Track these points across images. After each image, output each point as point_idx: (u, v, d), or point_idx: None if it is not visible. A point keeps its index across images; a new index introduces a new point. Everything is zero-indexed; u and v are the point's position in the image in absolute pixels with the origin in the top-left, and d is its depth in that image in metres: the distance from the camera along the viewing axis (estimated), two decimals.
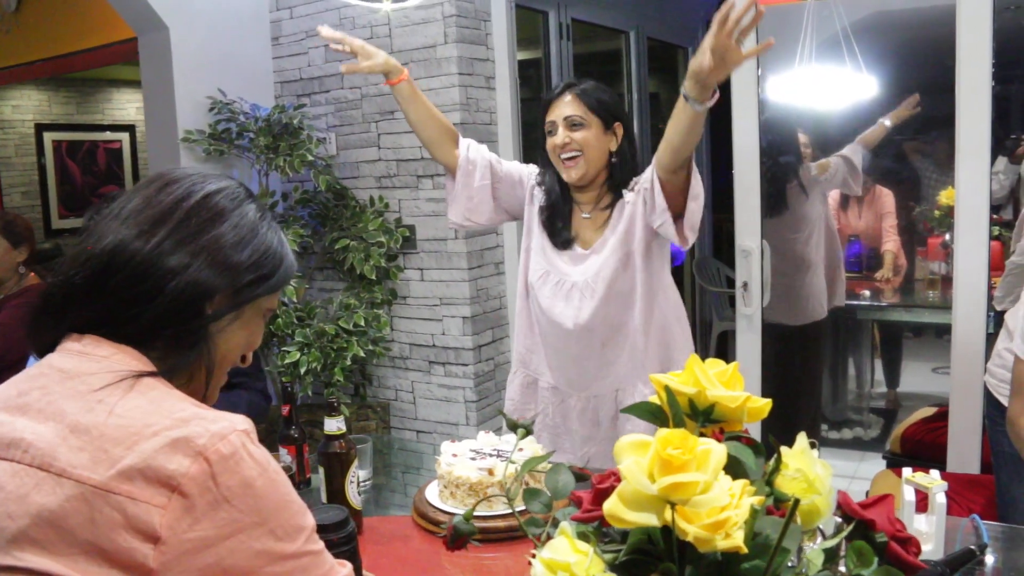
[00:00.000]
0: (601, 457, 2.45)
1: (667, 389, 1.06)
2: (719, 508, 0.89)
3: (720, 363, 1.10)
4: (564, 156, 2.35)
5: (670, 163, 2.20)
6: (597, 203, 2.43)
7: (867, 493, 3.02)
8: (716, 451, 0.90)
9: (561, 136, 2.35)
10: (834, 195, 4.84)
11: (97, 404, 0.99)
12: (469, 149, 2.49)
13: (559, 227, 2.43)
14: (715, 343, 5.62)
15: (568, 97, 2.37)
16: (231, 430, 0.99)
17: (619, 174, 2.40)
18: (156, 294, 1.06)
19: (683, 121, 2.10)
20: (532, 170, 2.54)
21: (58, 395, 1.01)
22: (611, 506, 0.90)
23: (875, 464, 3.83)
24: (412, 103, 2.45)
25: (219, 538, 0.95)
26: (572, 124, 2.34)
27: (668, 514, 0.89)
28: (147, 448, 0.95)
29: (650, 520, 0.88)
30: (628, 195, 2.38)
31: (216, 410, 1.04)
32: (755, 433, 3.16)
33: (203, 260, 1.08)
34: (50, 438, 0.98)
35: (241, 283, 1.12)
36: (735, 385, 1.08)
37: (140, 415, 0.99)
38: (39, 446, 0.98)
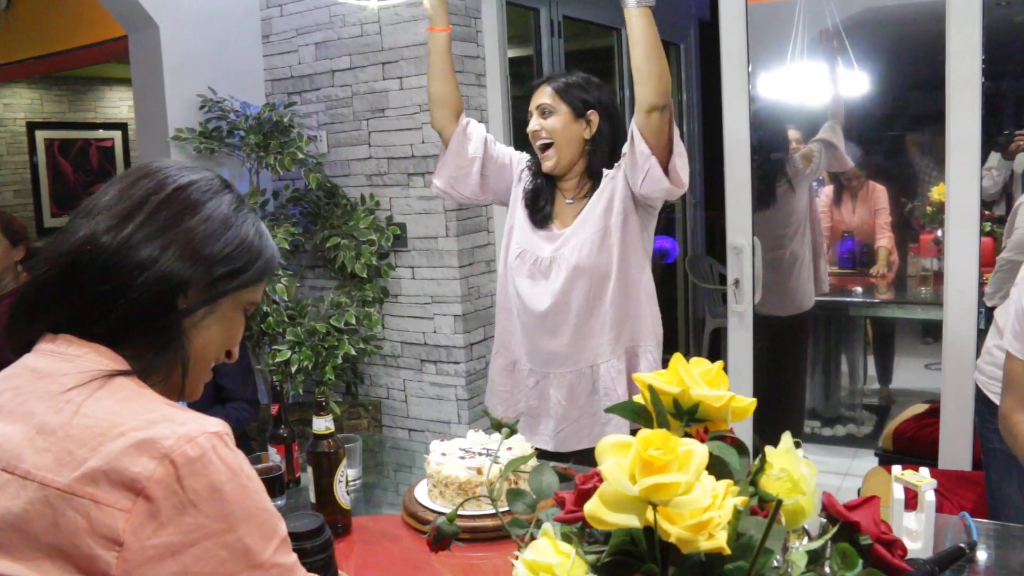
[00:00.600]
0: (577, 435, 2.49)
1: (651, 388, 1.05)
2: (701, 509, 0.89)
3: (705, 362, 1.09)
4: (537, 144, 2.44)
5: (645, 94, 2.25)
6: (578, 190, 2.48)
7: (859, 490, 3.02)
8: (698, 451, 0.89)
9: (533, 123, 2.45)
10: (827, 191, 4.84)
11: (65, 404, 0.97)
12: (469, 124, 2.59)
13: (540, 204, 2.49)
14: (708, 340, 5.62)
15: (541, 88, 2.46)
16: (200, 432, 0.95)
17: (596, 161, 2.44)
18: (125, 289, 1.03)
19: (634, 34, 2.21)
20: (523, 156, 2.61)
21: (29, 395, 1.00)
22: (592, 507, 0.89)
23: (868, 461, 3.83)
24: (444, 56, 2.57)
25: (185, 544, 0.91)
26: (543, 112, 2.44)
27: (650, 515, 0.89)
28: (112, 450, 0.92)
29: (631, 521, 0.88)
30: (608, 172, 2.42)
31: (189, 411, 1.01)
32: (747, 425, 3.18)
33: (173, 253, 1.06)
34: (17, 439, 0.96)
35: (214, 276, 1.10)
36: (719, 384, 1.07)
37: (107, 416, 0.96)
38: (6, 447, 0.96)
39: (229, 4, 4.19)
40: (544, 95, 2.44)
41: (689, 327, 6.30)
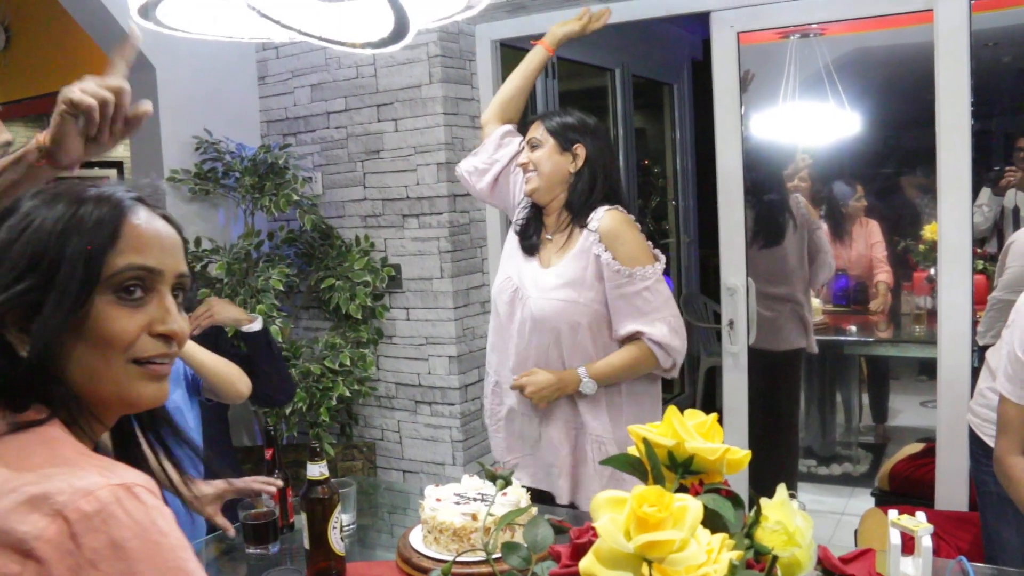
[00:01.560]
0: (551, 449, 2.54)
1: (645, 441, 1.05)
2: (696, 565, 0.88)
3: (699, 414, 1.09)
4: (525, 175, 2.57)
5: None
6: (558, 224, 2.55)
7: (855, 532, 3.01)
8: (692, 508, 0.89)
9: (523, 156, 2.57)
10: (825, 228, 4.86)
11: None
12: (511, 133, 2.78)
13: (529, 232, 2.60)
14: (703, 379, 5.61)
15: (536, 123, 2.59)
16: (101, 485, 0.85)
17: (576, 197, 2.50)
18: None
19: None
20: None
21: None
22: (587, 564, 0.89)
23: (864, 500, 3.82)
24: (535, 73, 2.85)
25: None
26: (532, 145, 2.55)
27: (645, 571, 0.89)
28: (0, 508, 0.84)
29: None
30: (588, 235, 2.46)
31: (104, 461, 0.91)
32: (743, 471, 3.15)
33: None
34: None
35: (15, 296, 0.94)
36: (714, 437, 1.07)
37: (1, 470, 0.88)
38: None
39: (225, 46, 4.21)
40: (535, 130, 2.56)
41: (684, 365, 6.29)
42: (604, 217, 2.43)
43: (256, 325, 2.92)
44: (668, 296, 2.45)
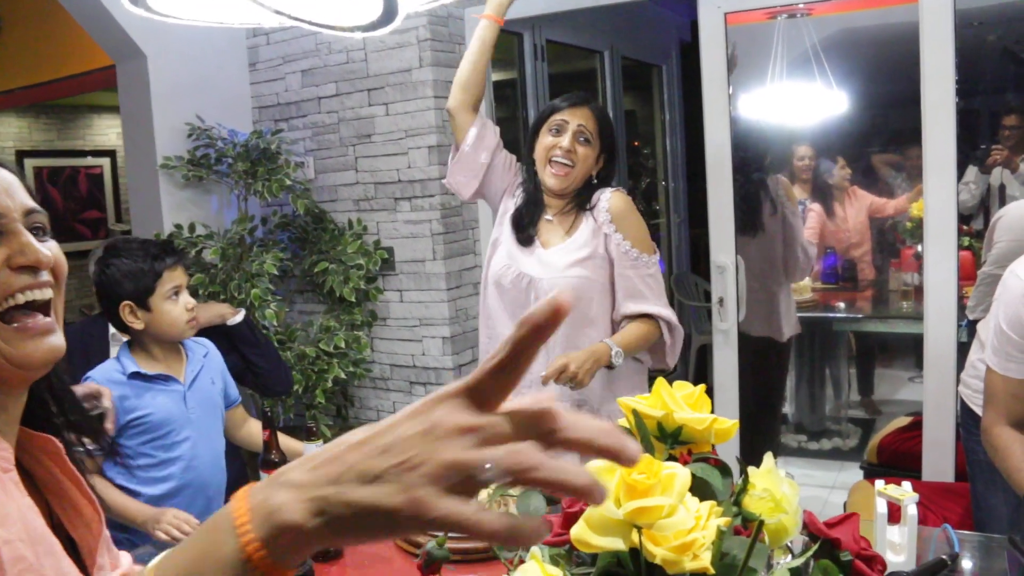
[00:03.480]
0: None
1: (635, 412, 1.08)
2: (685, 531, 0.92)
3: (687, 385, 1.13)
4: (558, 159, 2.42)
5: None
6: (563, 209, 2.52)
7: (845, 504, 3.06)
8: (680, 475, 0.92)
9: (568, 141, 2.41)
10: (817, 208, 4.90)
11: None
12: (485, 126, 2.59)
13: (525, 223, 2.52)
14: (695, 357, 5.65)
15: (586, 110, 2.45)
16: None
17: (590, 186, 2.50)
18: None
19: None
20: (520, 168, 2.63)
21: None
22: (578, 531, 0.93)
23: (854, 474, 3.87)
24: (489, 46, 2.61)
25: None
26: (581, 136, 2.42)
27: (635, 537, 0.92)
28: None
29: (616, 544, 0.91)
30: (597, 215, 2.47)
31: None
32: (732, 442, 3.20)
33: None
34: None
35: None
36: (702, 407, 1.10)
37: None
38: None
39: (216, 33, 4.23)
40: (587, 119, 2.44)
41: None
42: (613, 198, 2.46)
43: (238, 318, 2.95)
44: (664, 289, 2.53)
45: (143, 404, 2.20)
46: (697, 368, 5.57)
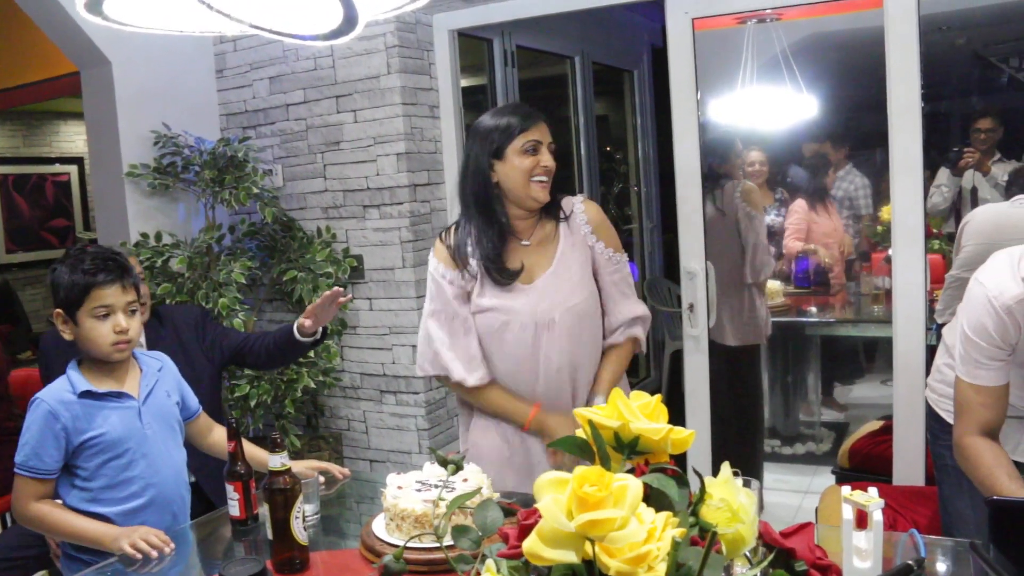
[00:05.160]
0: None
1: (591, 423, 1.07)
2: (639, 543, 0.90)
3: (644, 395, 1.11)
4: (541, 179, 2.37)
5: None
6: (533, 226, 2.45)
7: (816, 509, 3.05)
8: (632, 487, 0.91)
9: (548, 159, 2.37)
10: (800, 205, 4.91)
11: None
12: (455, 317, 2.49)
13: (501, 262, 2.40)
14: (668, 362, 5.65)
15: (543, 124, 2.40)
16: None
17: (555, 201, 2.47)
18: None
19: None
20: (443, 269, 2.51)
21: None
22: (531, 544, 0.91)
23: (827, 479, 3.87)
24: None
25: None
26: (551, 150, 2.39)
27: (588, 550, 0.90)
28: None
29: (568, 557, 0.89)
30: (575, 228, 2.46)
31: None
32: (705, 452, 3.19)
33: None
34: None
35: None
36: (658, 417, 1.09)
37: None
38: None
39: (182, 40, 4.19)
40: (546, 131, 2.40)
41: (649, 349, 6.33)
42: (588, 208, 2.47)
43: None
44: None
45: (96, 424, 2.14)
46: (671, 373, 5.57)
